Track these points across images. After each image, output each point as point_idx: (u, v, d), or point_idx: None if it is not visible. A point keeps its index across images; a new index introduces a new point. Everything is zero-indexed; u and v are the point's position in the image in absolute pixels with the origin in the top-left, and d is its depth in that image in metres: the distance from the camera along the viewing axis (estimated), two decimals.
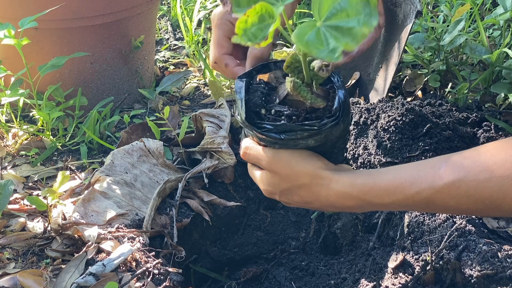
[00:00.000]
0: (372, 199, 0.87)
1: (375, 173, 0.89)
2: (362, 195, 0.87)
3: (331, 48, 0.71)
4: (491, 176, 0.78)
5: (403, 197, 0.85)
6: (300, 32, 0.72)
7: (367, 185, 0.87)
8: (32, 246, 1.26)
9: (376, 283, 1.18)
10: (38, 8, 1.59)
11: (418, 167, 0.85)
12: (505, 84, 1.52)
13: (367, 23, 0.71)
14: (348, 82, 1.74)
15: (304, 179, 0.91)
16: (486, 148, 0.82)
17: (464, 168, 0.80)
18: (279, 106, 0.91)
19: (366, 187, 0.87)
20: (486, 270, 0.99)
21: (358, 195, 0.88)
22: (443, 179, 0.81)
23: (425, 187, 0.82)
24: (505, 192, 0.77)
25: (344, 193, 0.88)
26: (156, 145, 1.50)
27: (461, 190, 0.80)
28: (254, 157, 0.94)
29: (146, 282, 1.12)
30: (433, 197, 0.82)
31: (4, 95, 1.59)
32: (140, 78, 1.92)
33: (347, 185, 0.88)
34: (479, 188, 0.79)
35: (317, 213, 1.50)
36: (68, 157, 1.62)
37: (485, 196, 0.79)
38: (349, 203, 0.90)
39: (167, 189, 1.43)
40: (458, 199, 0.81)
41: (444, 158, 0.84)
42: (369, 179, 0.87)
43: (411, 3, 1.52)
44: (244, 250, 1.53)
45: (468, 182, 0.79)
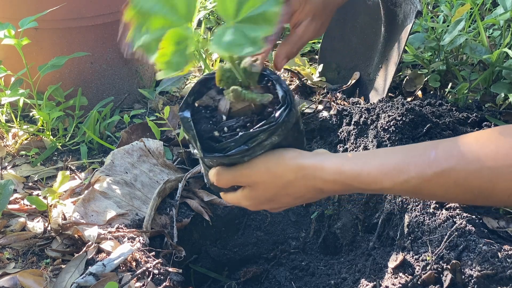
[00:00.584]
0: (359, 185, 0.86)
1: (363, 158, 0.87)
2: (349, 181, 0.86)
3: (252, 39, 0.71)
4: (482, 167, 0.77)
5: (391, 185, 0.83)
6: (217, 40, 0.72)
7: (354, 172, 0.85)
8: (32, 246, 1.26)
9: (376, 283, 1.18)
10: (38, 8, 1.59)
11: (407, 154, 0.83)
12: (505, 84, 1.52)
13: (275, 1, 0.72)
14: (348, 82, 1.74)
15: (288, 176, 0.88)
16: (477, 137, 0.81)
17: (454, 157, 0.79)
18: (229, 122, 0.89)
19: (354, 174, 0.85)
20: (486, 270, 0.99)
21: (345, 181, 0.86)
22: (432, 168, 0.80)
23: (414, 175, 0.81)
24: (494, 183, 0.76)
25: (331, 180, 0.87)
26: (156, 145, 1.50)
27: (450, 180, 0.79)
28: (229, 179, 0.92)
29: (146, 282, 1.12)
30: (422, 186, 0.81)
31: (4, 95, 1.59)
32: (140, 78, 1.92)
33: (333, 171, 0.86)
34: (469, 179, 0.78)
35: (317, 213, 1.50)
36: (68, 157, 1.62)
37: (474, 186, 0.78)
38: (337, 188, 0.88)
39: (167, 189, 1.43)
40: (446, 188, 0.80)
41: (433, 145, 0.82)
42: (357, 165, 0.86)
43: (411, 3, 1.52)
44: (244, 250, 1.53)
45: (457, 172, 0.78)
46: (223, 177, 0.92)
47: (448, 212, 1.12)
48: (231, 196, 0.97)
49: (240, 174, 0.90)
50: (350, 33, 1.80)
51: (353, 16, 1.78)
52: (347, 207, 1.42)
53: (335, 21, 1.83)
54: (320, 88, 1.80)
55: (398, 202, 1.25)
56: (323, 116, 1.64)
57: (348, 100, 1.65)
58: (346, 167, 0.86)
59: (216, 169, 0.92)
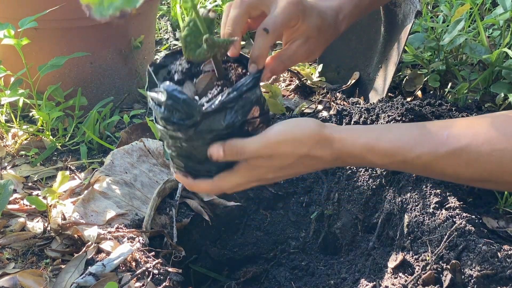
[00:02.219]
0: (372, 158, 0.87)
1: (377, 131, 0.88)
2: (364, 154, 0.87)
3: None
4: (493, 149, 0.78)
5: (403, 159, 0.85)
6: None
7: (368, 145, 0.86)
8: (32, 246, 1.26)
9: (376, 283, 1.18)
10: (38, 8, 1.59)
11: (421, 131, 0.85)
12: (504, 84, 1.52)
13: None
14: (348, 82, 1.74)
15: (303, 149, 0.88)
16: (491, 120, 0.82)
17: (467, 138, 0.80)
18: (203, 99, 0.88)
19: (368, 147, 0.86)
20: (486, 270, 0.99)
21: (359, 153, 0.87)
22: (445, 146, 0.81)
23: (426, 151, 0.82)
24: (504, 166, 0.78)
25: (346, 152, 0.87)
26: (156, 145, 1.50)
27: (462, 159, 0.80)
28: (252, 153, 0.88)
29: (146, 282, 1.12)
30: (433, 163, 0.83)
31: (4, 95, 1.59)
32: (140, 78, 1.92)
33: (349, 144, 0.87)
34: (480, 160, 0.79)
35: (316, 213, 1.50)
36: (67, 157, 1.62)
37: (484, 168, 0.80)
38: (350, 160, 0.90)
39: (167, 189, 1.43)
40: (456, 168, 0.82)
41: (448, 124, 0.84)
42: (372, 138, 0.87)
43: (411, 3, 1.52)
44: (244, 250, 1.53)
45: (469, 153, 0.80)
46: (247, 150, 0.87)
47: (448, 212, 1.12)
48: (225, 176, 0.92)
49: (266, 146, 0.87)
50: (349, 33, 1.80)
51: None
52: (347, 207, 1.42)
53: None
54: (319, 88, 1.80)
55: (398, 202, 1.25)
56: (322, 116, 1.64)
57: (347, 100, 1.65)
58: (361, 139, 0.87)
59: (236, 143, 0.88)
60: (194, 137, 0.88)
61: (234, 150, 0.88)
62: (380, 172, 1.35)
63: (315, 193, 1.52)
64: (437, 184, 1.20)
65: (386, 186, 1.34)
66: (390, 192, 1.30)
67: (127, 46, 1.84)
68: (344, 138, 0.88)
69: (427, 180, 1.21)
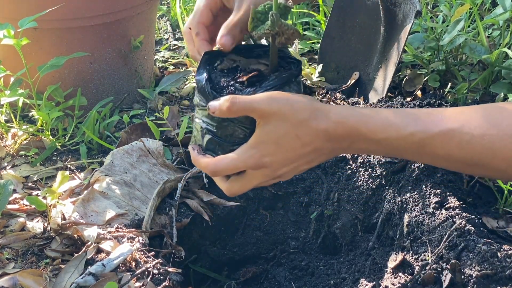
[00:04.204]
0: (366, 132, 0.87)
1: (372, 109, 0.91)
2: (358, 126, 0.87)
3: None
4: (485, 133, 0.81)
5: (396, 135, 0.86)
6: None
7: (363, 117, 0.88)
8: (32, 246, 1.26)
9: (376, 283, 1.18)
10: (38, 8, 1.59)
11: (416, 113, 0.88)
12: (504, 84, 1.52)
13: None
14: (348, 82, 1.74)
15: (303, 114, 0.88)
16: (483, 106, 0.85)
17: (460, 121, 0.83)
18: None
19: (363, 119, 0.88)
20: (486, 270, 0.99)
21: (354, 125, 0.87)
22: (438, 127, 0.84)
23: (420, 129, 0.85)
24: (495, 151, 0.80)
25: (341, 122, 0.87)
26: (155, 145, 1.50)
27: (454, 141, 0.83)
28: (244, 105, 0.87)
29: (146, 282, 1.12)
30: (425, 142, 0.85)
31: (3, 95, 1.59)
32: (139, 78, 1.92)
33: (345, 114, 0.88)
34: (471, 142, 0.82)
35: (316, 213, 1.50)
36: (67, 157, 1.62)
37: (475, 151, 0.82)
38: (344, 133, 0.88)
39: (167, 189, 1.43)
40: (448, 149, 0.84)
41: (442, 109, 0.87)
42: (366, 112, 0.89)
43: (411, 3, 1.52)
44: (243, 250, 1.53)
45: (462, 134, 0.82)
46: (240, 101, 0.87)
47: (448, 212, 1.12)
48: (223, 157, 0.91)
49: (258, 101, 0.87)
50: (349, 33, 1.80)
51: (352, 16, 1.78)
52: (347, 207, 1.42)
53: (334, 21, 1.83)
54: (319, 88, 1.80)
55: (397, 202, 1.25)
56: None
57: (347, 100, 1.65)
58: (356, 112, 0.89)
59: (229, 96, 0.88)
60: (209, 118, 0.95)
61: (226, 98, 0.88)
62: (380, 172, 1.35)
63: (315, 193, 1.52)
64: (437, 184, 1.20)
65: (386, 186, 1.34)
66: (390, 192, 1.30)
67: (127, 46, 1.84)
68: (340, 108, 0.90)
69: (427, 180, 1.22)
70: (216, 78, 0.94)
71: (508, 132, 0.79)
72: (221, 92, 0.92)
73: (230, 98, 0.87)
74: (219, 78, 0.94)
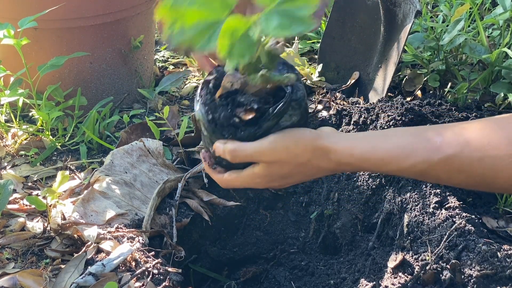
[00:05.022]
0: (368, 166, 0.91)
1: (373, 141, 0.91)
2: (360, 163, 0.90)
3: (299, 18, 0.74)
4: (484, 155, 0.81)
5: (397, 168, 0.88)
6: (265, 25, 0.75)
7: (364, 155, 0.90)
8: (32, 246, 1.26)
9: (376, 283, 1.18)
10: (38, 8, 1.59)
11: (415, 138, 0.88)
12: (504, 84, 1.52)
13: None
14: (348, 82, 1.74)
15: (305, 156, 0.91)
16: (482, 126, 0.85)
17: (460, 145, 0.83)
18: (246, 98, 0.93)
19: (364, 157, 0.90)
20: (486, 269, 0.99)
21: (356, 163, 0.91)
22: (438, 154, 0.84)
23: (421, 160, 0.85)
24: (496, 171, 0.80)
25: (343, 162, 0.91)
26: (155, 145, 1.50)
27: (455, 166, 0.83)
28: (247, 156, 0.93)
29: (146, 282, 1.12)
30: (427, 170, 0.86)
31: (3, 95, 1.59)
32: (139, 78, 1.92)
33: (346, 154, 0.90)
34: (472, 166, 0.82)
35: (316, 213, 1.50)
36: (67, 157, 1.62)
37: (477, 173, 0.82)
38: (348, 168, 0.95)
39: (167, 189, 1.43)
40: (450, 174, 0.84)
41: (441, 130, 0.87)
42: (367, 147, 0.90)
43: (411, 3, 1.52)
44: (243, 250, 1.53)
45: (462, 159, 0.82)
46: (241, 154, 0.92)
47: (448, 212, 1.12)
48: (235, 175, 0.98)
49: (259, 152, 0.92)
50: (349, 33, 1.80)
51: (352, 16, 1.78)
52: (347, 207, 1.42)
53: (334, 20, 1.83)
54: (319, 88, 1.80)
55: (397, 202, 1.25)
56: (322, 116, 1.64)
57: (347, 100, 1.65)
58: (357, 150, 0.90)
59: (234, 145, 0.92)
60: None
61: (228, 150, 0.93)
62: None
63: (315, 193, 1.52)
64: (437, 184, 1.20)
65: (386, 186, 1.34)
66: (390, 192, 1.30)
67: (126, 46, 1.84)
68: (341, 149, 0.91)
69: None
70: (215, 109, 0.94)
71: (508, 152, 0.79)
72: (222, 130, 0.93)
73: (231, 151, 0.92)
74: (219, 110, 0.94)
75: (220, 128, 0.94)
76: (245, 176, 0.97)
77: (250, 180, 0.97)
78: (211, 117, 0.94)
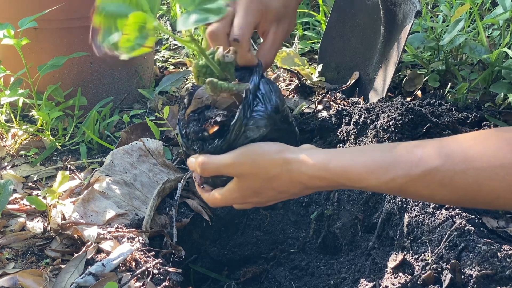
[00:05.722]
0: (345, 181, 0.86)
1: (349, 155, 0.87)
2: (335, 178, 0.86)
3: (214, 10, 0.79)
4: (468, 168, 0.77)
5: (376, 183, 0.83)
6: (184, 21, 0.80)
7: (340, 169, 0.86)
8: (32, 246, 1.26)
9: (376, 283, 1.18)
10: (38, 8, 1.59)
11: (394, 152, 0.83)
12: (504, 84, 1.52)
13: None
14: (348, 82, 1.74)
15: (273, 170, 0.89)
16: (465, 138, 0.81)
17: (441, 158, 0.79)
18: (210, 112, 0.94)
19: (340, 171, 0.86)
20: (486, 270, 0.99)
21: (331, 178, 0.86)
22: (419, 168, 0.80)
23: (400, 174, 0.81)
24: (480, 184, 0.76)
25: (317, 176, 0.87)
26: (155, 145, 1.50)
27: (436, 180, 0.79)
28: (214, 169, 0.93)
29: (146, 282, 1.12)
30: (407, 185, 0.81)
31: (3, 95, 1.59)
32: (139, 78, 1.92)
33: (319, 167, 0.87)
34: (454, 179, 0.78)
35: (316, 213, 1.50)
36: (67, 157, 1.62)
37: (460, 187, 0.78)
38: (323, 184, 0.89)
39: (167, 189, 1.43)
40: (432, 188, 0.80)
41: (421, 144, 0.82)
42: (343, 162, 0.86)
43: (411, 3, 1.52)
44: (243, 250, 1.53)
45: (444, 172, 0.78)
46: (209, 167, 0.93)
47: (448, 212, 1.12)
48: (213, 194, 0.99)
49: (226, 165, 0.92)
50: (349, 33, 1.80)
51: (352, 16, 1.78)
52: (347, 207, 1.42)
53: (334, 20, 1.83)
54: (319, 88, 1.80)
55: (397, 202, 1.25)
56: (322, 116, 1.64)
57: (347, 100, 1.65)
58: (332, 164, 0.86)
59: (203, 158, 0.93)
60: None
61: (198, 163, 0.94)
62: None
63: (315, 193, 1.52)
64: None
65: None
66: None
67: None
68: (313, 162, 0.87)
69: None
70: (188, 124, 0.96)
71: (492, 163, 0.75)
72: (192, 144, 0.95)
73: (200, 164, 0.93)
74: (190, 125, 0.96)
75: (191, 143, 0.95)
76: (225, 193, 0.97)
77: (229, 196, 0.96)
78: (184, 132, 0.96)
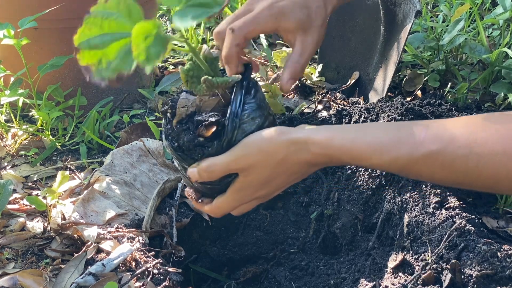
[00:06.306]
0: (348, 159, 0.88)
1: (353, 133, 0.88)
2: (339, 155, 0.88)
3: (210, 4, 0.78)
4: (470, 153, 0.78)
5: (379, 162, 0.85)
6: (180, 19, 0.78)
7: (344, 147, 0.87)
8: (32, 246, 1.26)
9: (376, 282, 1.18)
10: (38, 8, 1.59)
11: (398, 132, 0.85)
12: (504, 84, 1.52)
13: None
14: (348, 82, 1.74)
15: (281, 153, 0.89)
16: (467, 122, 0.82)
17: (444, 141, 0.80)
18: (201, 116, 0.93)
19: (344, 148, 0.87)
20: (486, 269, 0.99)
21: (335, 154, 0.88)
22: (420, 149, 0.82)
23: (403, 154, 0.83)
24: (480, 169, 0.78)
25: (323, 153, 0.88)
26: (155, 145, 1.50)
27: (437, 162, 0.81)
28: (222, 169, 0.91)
29: (146, 282, 1.12)
30: (409, 166, 0.83)
31: (3, 95, 1.59)
32: (139, 78, 1.92)
33: (324, 145, 0.87)
34: (455, 162, 0.80)
35: (316, 213, 1.50)
36: (67, 157, 1.62)
37: (460, 170, 0.80)
38: (327, 160, 0.90)
39: (167, 189, 1.43)
40: (432, 170, 0.82)
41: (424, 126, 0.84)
42: (347, 140, 0.87)
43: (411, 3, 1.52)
44: (243, 250, 1.53)
45: (445, 155, 0.80)
46: (214, 169, 0.91)
47: (448, 212, 1.12)
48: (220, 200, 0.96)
49: (233, 160, 0.90)
50: (349, 33, 1.80)
51: (352, 16, 1.78)
52: (347, 207, 1.42)
53: (334, 20, 1.83)
54: (319, 88, 1.80)
55: (397, 202, 1.25)
56: (322, 116, 1.64)
57: (347, 100, 1.65)
58: (337, 141, 0.87)
59: (207, 162, 0.91)
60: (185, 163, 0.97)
61: (203, 169, 0.91)
62: (380, 172, 1.35)
63: (315, 193, 1.52)
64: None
65: (386, 186, 1.34)
66: (390, 192, 1.30)
67: None
68: (319, 139, 0.88)
69: None
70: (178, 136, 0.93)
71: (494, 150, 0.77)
72: (190, 154, 0.92)
73: (206, 168, 0.91)
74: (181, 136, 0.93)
75: (188, 153, 0.92)
76: (230, 195, 0.95)
77: (236, 196, 0.95)
78: (176, 145, 0.93)
